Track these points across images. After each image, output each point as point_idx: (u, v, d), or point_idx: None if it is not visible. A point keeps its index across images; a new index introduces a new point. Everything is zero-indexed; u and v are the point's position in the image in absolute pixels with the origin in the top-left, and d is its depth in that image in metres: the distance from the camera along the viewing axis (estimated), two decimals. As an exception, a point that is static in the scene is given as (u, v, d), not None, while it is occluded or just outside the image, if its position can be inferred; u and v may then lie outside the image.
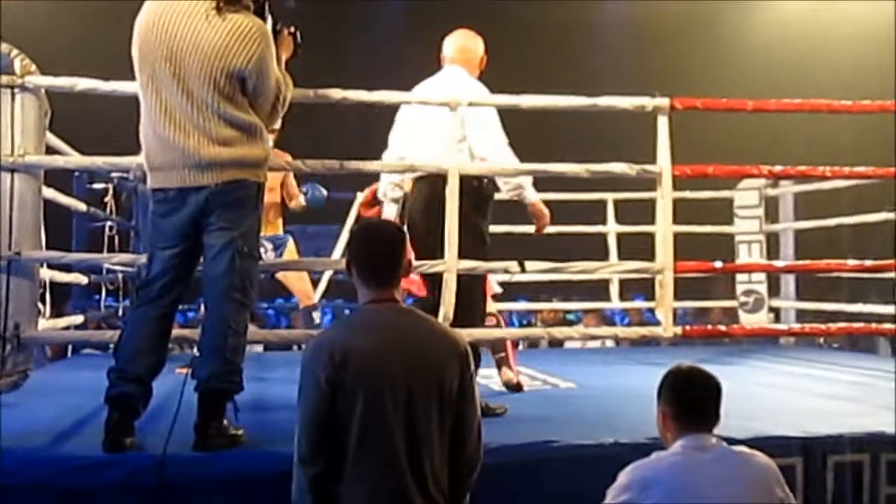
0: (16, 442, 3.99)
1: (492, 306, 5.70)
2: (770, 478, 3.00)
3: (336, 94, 4.77)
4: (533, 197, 5.00)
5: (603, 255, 8.64)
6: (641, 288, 9.77)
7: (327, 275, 7.96)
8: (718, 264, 5.32)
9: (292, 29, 4.27)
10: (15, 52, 4.41)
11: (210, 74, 3.87)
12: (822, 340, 8.87)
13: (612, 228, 8.69)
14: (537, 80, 9.94)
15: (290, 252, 6.58)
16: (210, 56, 3.87)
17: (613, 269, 5.49)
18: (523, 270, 4.89)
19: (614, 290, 8.68)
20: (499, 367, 5.69)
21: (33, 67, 4.47)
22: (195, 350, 4.20)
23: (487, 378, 5.72)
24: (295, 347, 8.09)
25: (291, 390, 3.03)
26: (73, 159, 5.49)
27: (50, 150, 4.84)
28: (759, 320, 8.50)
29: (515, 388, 5.59)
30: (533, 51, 12.01)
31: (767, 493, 2.96)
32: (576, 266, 5.02)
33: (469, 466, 3.04)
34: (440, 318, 4.57)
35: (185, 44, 3.88)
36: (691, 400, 3.06)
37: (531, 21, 12.02)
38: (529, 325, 10.55)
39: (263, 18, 4.04)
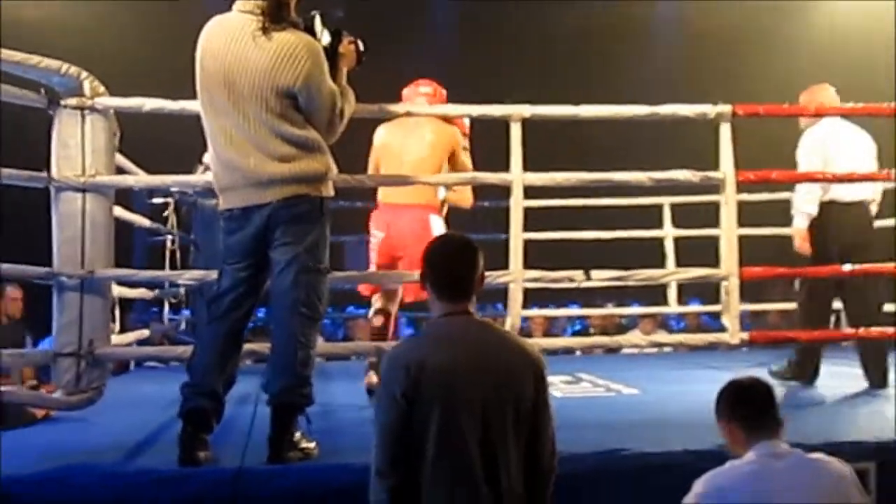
0: (91, 458, 4.07)
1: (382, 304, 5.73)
2: (847, 483, 3.00)
3: (398, 108, 4.81)
4: None
5: (658, 259, 8.61)
6: (697, 291, 9.73)
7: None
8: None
9: (353, 39, 4.28)
10: (84, 74, 4.48)
11: (261, 94, 3.92)
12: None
13: (669, 232, 8.66)
14: (583, 86, 10.01)
15: None
16: (259, 77, 3.92)
17: (678, 276, 5.46)
18: (589, 279, 4.89)
19: (672, 294, 8.64)
20: (369, 370, 5.57)
21: (102, 89, 4.53)
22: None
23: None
24: (353, 357, 8.15)
25: (357, 401, 3.06)
26: (142, 178, 5.56)
27: (118, 170, 4.90)
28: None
29: None
30: (578, 57, 11.97)
31: (844, 499, 2.96)
32: (640, 273, 5.00)
33: (545, 477, 3.04)
34: (508, 328, 4.60)
35: (236, 66, 3.94)
36: (751, 407, 3.08)
37: (576, 28, 12.00)
38: (584, 330, 10.55)
39: (314, 34, 4.08)
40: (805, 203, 5.87)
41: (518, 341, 3.15)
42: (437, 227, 5.59)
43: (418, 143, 5.60)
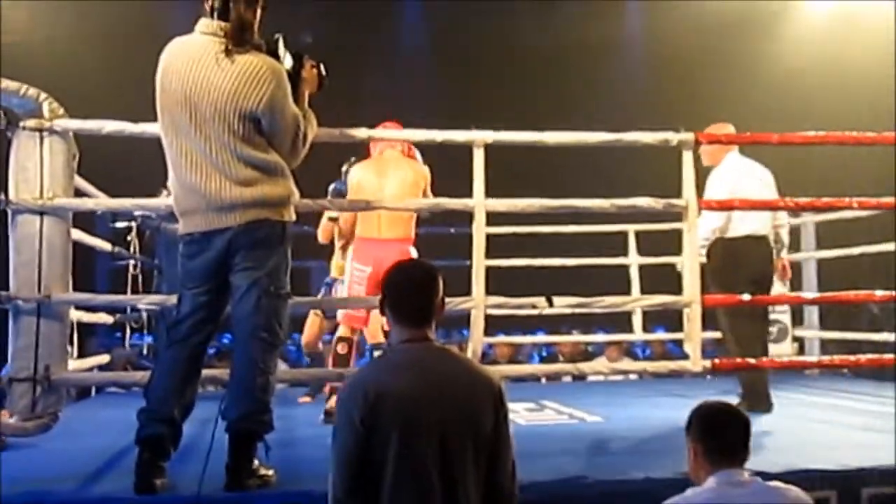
0: (48, 485, 4.03)
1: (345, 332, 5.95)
2: (806, 513, 2.99)
3: (360, 132, 4.79)
4: None
5: (624, 286, 8.63)
6: (662, 319, 9.76)
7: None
8: (747, 297, 5.29)
9: (315, 63, 4.26)
10: (43, 95, 4.44)
11: (224, 117, 3.89)
12: (846, 370, 8.81)
13: (634, 260, 8.68)
14: (553, 110, 10.05)
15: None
16: (222, 99, 3.88)
17: (641, 303, 5.46)
18: (551, 305, 4.89)
19: (637, 321, 8.65)
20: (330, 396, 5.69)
21: (61, 111, 4.49)
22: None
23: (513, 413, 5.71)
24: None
25: (318, 429, 3.03)
26: (101, 201, 5.51)
27: (77, 192, 4.85)
28: (783, 350, 8.47)
29: None
30: (550, 80, 12.03)
31: (804, 528, 2.96)
32: (604, 301, 5.01)
33: (506, 504, 3.02)
34: (469, 355, 4.58)
35: (198, 88, 3.90)
36: (722, 436, 3.06)
37: (547, 50, 12.06)
38: (551, 356, 10.54)
39: (278, 56, 4.06)
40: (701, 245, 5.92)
41: (477, 368, 3.13)
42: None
43: (395, 181, 5.90)
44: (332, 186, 6.69)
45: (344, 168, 6.66)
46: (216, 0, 3.96)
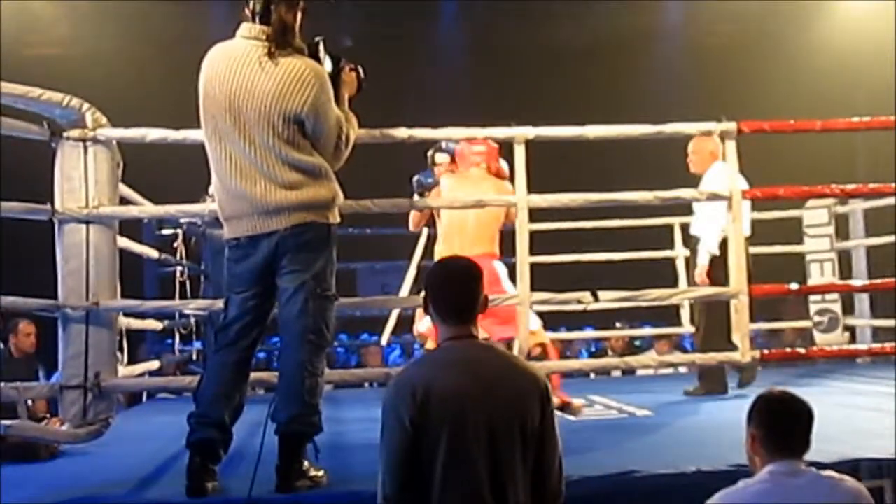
0: (100, 490, 4.06)
1: (542, 336, 5.71)
2: (862, 502, 2.95)
3: (401, 132, 4.79)
4: None
5: (671, 279, 8.59)
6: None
7: (396, 311, 7.96)
8: (794, 286, 5.25)
9: (354, 66, 4.27)
10: (86, 106, 4.48)
11: (268, 121, 3.89)
12: (899, 358, 8.71)
13: (680, 253, 8.63)
14: (593, 104, 10.00)
15: None
16: (266, 102, 3.89)
17: (687, 296, 5.44)
18: (596, 300, 4.86)
19: (685, 314, 8.60)
20: None
21: (104, 120, 4.54)
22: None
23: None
24: (366, 385, 8.13)
25: (368, 429, 3.03)
26: (146, 209, 5.57)
27: (122, 200, 4.90)
28: (834, 340, 8.38)
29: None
30: (589, 73, 11.98)
31: (858, 517, 2.91)
32: (649, 294, 4.98)
33: (553, 501, 3.01)
34: (516, 352, 4.58)
35: (242, 92, 3.91)
36: (783, 425, 3.01)
37: (585, 43, 12.01)
38: (599, 352, 10.51)
39: (318, 59, 4.07)
40: (714, 244, 6.02)
41: (522, 364, 3.13)
42: (503, 272, 5.69)
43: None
44: (415, 178, 6.66)
45: (430, 153, 6.66)
46: (257, 4, 3.98)
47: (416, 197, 6.26)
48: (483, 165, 5.92)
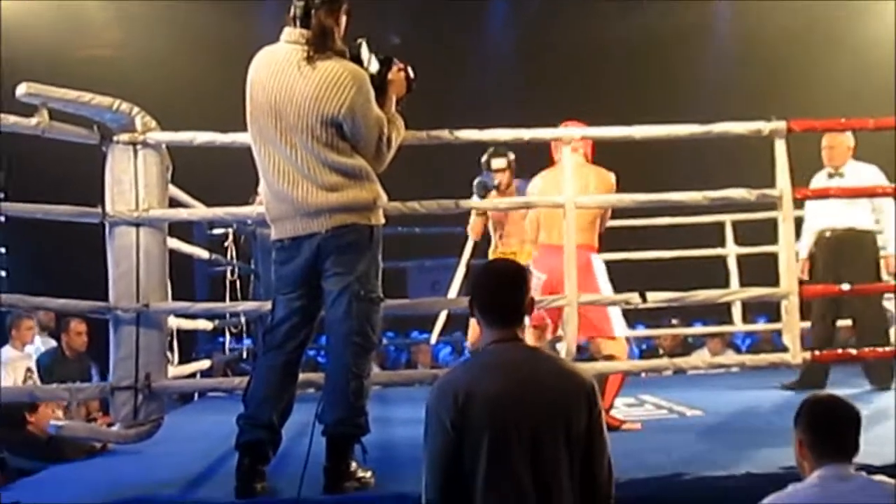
0: (150, 490, 4.12)
1: (621, 347, 5.49)
2: (912, 506, 2.91)
3: (447, 134, 4.78)
4: None
5: (723, 277, 8.53)
6: (765, 308, 9.60)
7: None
8: (846, 287, 5.18)
9: (402, 66, 4.26)
10: (136, 110, 4.52)
11: (307, 124, 3.92)
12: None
13: (731, 250, 8.56)
14: (641, 103, 9.94)
15: None
16: (304, 106, 3.92)
17: (736, 296, 5.40)
18: (644, 301, 4.82)
19: (737, 312, 8.53)
20: None
21: (153, 124, 4.57)
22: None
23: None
24: (416, 383, 8.13)
25: (416, 429, 3.03)
26: (195, 211, 5.61)
27: (172, 202, 4.94)
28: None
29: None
30: (637, 72, 11.93)
31: (909, 523, 2.87)
32: (698, 294, 4.93)
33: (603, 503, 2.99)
34: (563, 354, 4.56)
35: (282, 96, 3.94)
36: (831, 429, 2.97)
37: (633, 43, 11.95)
38: (651, 350, 10.45)
39: (361, 61, 4.07)
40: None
41: (568, 366, 3.10)
42: (599, 266, 5.52)
43: (580, 191, 5.34)
44: (476, 180, 6.65)
45: (484, 158, 6.65)
46: (298, 8, 4.00)
47: (475, 198, 6.25)
48: (580, 151, 5.59)
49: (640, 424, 5.53)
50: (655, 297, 4.88)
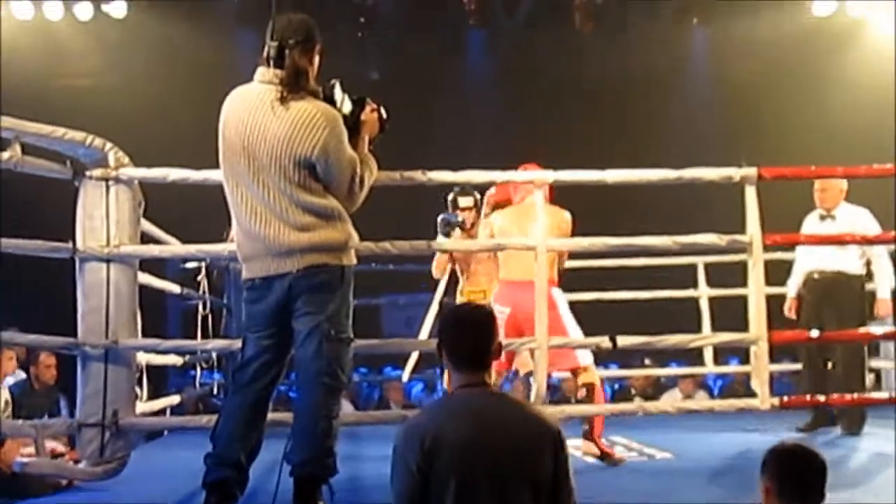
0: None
1: (593, 375, 5.62)
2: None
3: (420, 175, 4.79)
4: None
5: (695, 319, 8.54)
6: (736, 350, 9.61)
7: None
8: (815, 334, 5.22)
9: (375, 106, 4.27)
10: (109, 145, 4.53)
11: (279, 164, 3.92)
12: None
13: (703, 292, 8.60)
14: (618, 142, 10.00)
15: None
16: (277, 147, 3.92)
17: (706, 341, 5.42)
18: (615, 346, 4.84)
19: (708, 354, 8.56)
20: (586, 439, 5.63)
21: (126, 160, 4.58)
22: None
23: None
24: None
25: (385, 467, 3.02)
26: (167, 248, 5.60)
27: (144, 237, 4.93)
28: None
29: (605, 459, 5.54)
30: (614, 112, 11.99)
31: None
32: (668, 339, 4.96)
33: (567, 550, 2.99)
34: (532, 397, 4.56)
35: (255, 136, 3.95)
36: (797, 477, 2.99)
37: (611, 83, 12.03)
38: (623, 389, 10.45)
39: (334, 102, 4.08)
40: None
41: (535, 412, 3.10)
42: (560, 299, 5.59)
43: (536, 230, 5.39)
44: (440, 217, 6.65)
45: (450, 198, 6.66)
46: (272, 49, 4.01)
47: (440, 238, 6.25)
48: (543, 191, 5.55)
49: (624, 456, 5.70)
50: (626, 342, 4.90)
